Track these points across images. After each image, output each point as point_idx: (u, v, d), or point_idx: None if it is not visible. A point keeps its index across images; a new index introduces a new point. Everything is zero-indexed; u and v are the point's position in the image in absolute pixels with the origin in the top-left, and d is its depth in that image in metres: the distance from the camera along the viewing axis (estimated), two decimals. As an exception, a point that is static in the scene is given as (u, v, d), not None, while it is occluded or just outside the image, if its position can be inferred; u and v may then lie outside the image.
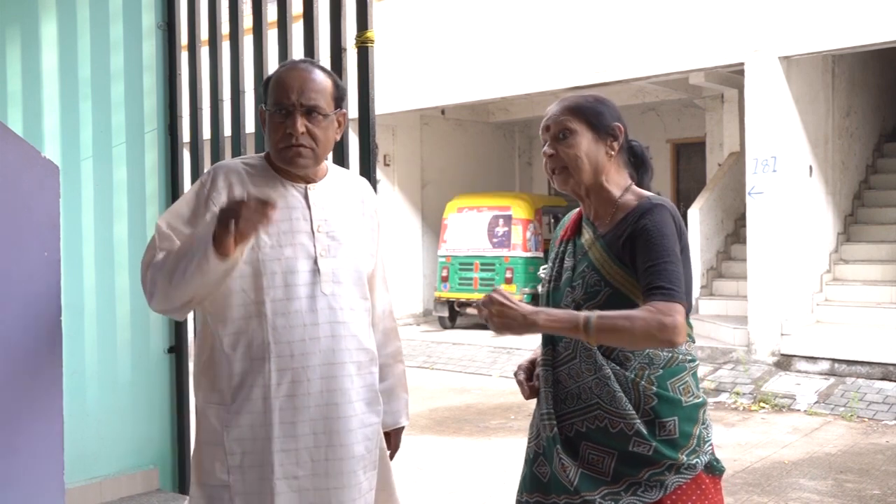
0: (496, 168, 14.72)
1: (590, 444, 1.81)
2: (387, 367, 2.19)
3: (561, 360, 1.89)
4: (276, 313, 1.91)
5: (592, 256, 1.86)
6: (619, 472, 1.79)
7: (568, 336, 1.82)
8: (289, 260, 1.94)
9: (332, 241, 1.99)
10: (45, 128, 3.55)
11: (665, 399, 1.80)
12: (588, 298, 1.82)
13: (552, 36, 9.80)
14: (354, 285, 2.02)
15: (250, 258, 1.92)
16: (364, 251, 2.07)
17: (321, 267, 1.95)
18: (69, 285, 3.39)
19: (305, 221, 1.98)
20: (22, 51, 3.50)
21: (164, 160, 3.91)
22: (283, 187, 2.00)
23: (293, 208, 1.99)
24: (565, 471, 1.80)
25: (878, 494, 4.90)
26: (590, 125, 1.89)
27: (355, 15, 2.85)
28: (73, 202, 3.57)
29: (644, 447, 1.76)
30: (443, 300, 11.55)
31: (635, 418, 1.77)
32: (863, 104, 10.77)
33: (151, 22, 3.88)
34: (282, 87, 1.95)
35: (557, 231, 2.09)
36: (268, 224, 1.81)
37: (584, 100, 1.94)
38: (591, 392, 1.81)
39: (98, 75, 3.71)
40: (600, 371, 1.80)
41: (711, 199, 10.34)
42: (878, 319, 8.70)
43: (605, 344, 1.79)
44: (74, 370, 3.51)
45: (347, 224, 2.04)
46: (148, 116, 3.87)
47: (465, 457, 5.88)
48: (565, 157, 1.88)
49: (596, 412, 1.80)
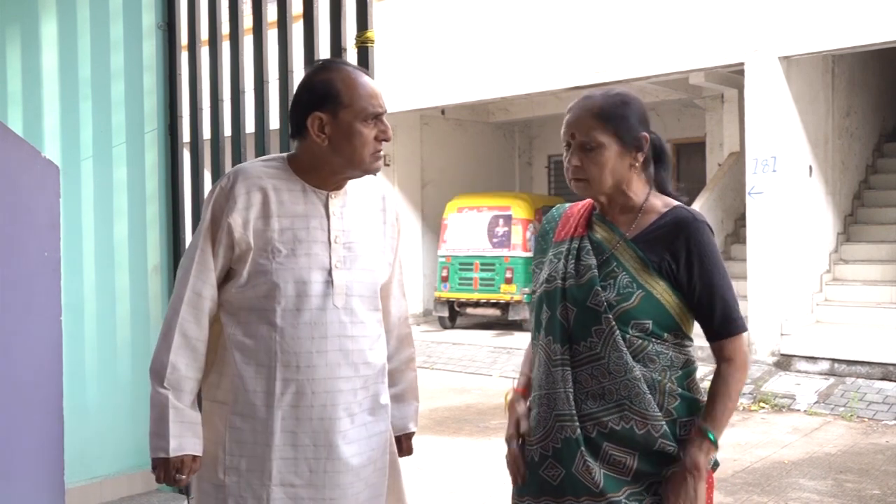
0: (496, 168, 14.71)
1: (612, 444, 1.80)
2: (399, 372, 2.19)
3: (581, 360, 1.84)
4: (285, 323, 1.89)
5: (622, 258, 1.85)
6: (640, 472, 1.80)
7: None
8: (302, 270, 1.91)
9: (348, 253, 1.97)
10: (45, 128, 3.55)
11: (685, 399, 1.85)
12: (622, 300, 1.81)
13: (552, 36, 9.80)
14: (367, 298, 2.00)
15: (264, 267, 1.90)
16: (381, 262, 2.06)
17: (335, 279, 1.93)
18: (69, 285, 3.39)
19: (323, 231, 1.95)
20: (22, 50, 3.50)
21: (164, 160, 3.91)
22: (303, 193, 1.95)
23: (311, 217, 1.95)
24: (590, 472, 1.79)
25: (878, 494, 4.90)
26: (617, 137, 1.84)
27: (355, 15, 2.85)
28: (73, 202, 3.57)
29: (670, 448, 1.79)
30: (443, 300, 11.55)
31: (662, 420, 1.79)
32: (863, 104, 10.77)
33: (151, 22, 3.88)
34: (368, 93, 1.92)
35: (550, 226, 2.03)
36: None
37: (612, 104, 1.86)
38: (616, 393, 1.80)
39: (98, 75, 3.71)
40: (630, 373, 1.80)
41: (711, 199, 10.34)
42: (878, 319, 8.70)
43: None
44: (74, 370, 3.51)
45: (366, 234, 2.02)
46: (148, 116, 3.87)
47: (465, 457, 5.88)
48: (589, 171, 1.85)
49: (623, 412, 1.79)
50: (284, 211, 1.92)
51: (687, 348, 1.89)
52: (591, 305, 1.83)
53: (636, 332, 1.82)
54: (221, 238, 1.90)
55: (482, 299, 11.12)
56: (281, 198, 1.92)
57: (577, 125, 1.85)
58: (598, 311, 1.82)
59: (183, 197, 3.89)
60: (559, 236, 1.98)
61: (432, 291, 12.59)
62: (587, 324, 1.83)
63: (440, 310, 11.69)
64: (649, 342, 1.82)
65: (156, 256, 3.87)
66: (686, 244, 1.82)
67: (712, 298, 1.83)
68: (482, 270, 11.15)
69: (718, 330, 1.85)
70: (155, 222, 3.87)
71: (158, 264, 3.88)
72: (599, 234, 1.90)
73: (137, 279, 3.80)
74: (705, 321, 1.86)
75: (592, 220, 1.94)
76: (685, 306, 1.85)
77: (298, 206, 1.93)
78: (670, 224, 1.84)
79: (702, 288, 1.83)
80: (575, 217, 1.98)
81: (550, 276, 1.93)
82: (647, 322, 1.82)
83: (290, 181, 1.96)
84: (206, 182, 3.85)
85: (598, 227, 1.92)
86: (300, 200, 1.94)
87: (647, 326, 1.82)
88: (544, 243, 2.03)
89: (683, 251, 1.82)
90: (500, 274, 10.97)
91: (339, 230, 1.96)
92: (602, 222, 1.92)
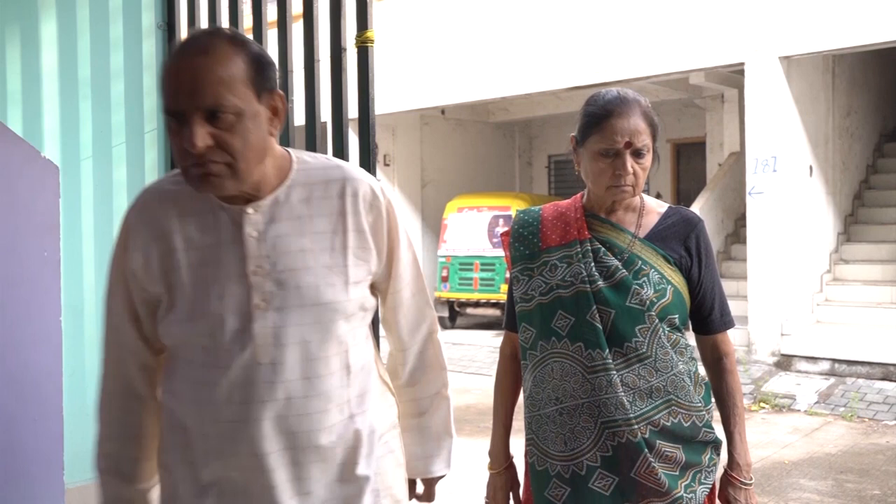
0: (496, 168, 14.71)
1: (664, 441, 1.80)
2: (425, 410, 1.77)
3: (630, 361, 1.80)
4: (195, 392, 1.47)
5: (644, 255, 1.85)
6: (687, 463, 1.83)
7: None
8: (212, 318, 1.45)
9: (276, 287, 1.45)
10: (44, 127, 3.55)
11: (706, 386, 1.93)
12: (660, 296, 1.83)
13: (552, 36, 9.79)
14: (317, 340, 1.48)
15: (161, 318, 1.49)
16: (342, 280, 1.51)
17: (256, 328, 1.44)
18: (69, 285, 3.39)
19: (238, 261, 1.46)
20: (21, 50, 3.50)
21: (163, 160, 3.91)
22: (212, 214, 1.49)
23: (222, 244, 1.47)
24: (654, 474, 1.77)
25: (879, 495, 4.90)
26: (654, 142, 1.86)
27: (355, 15, 2.84)
28: (73, 202, 3.56)
29: (710, 435, 1.86)
30: (443, 300, 11.55)
31: (703, 409, 1.86)
32: (863, 104, 10.76)
33: (151, 21, 3.87)
34: (169, 89, 1.41)
35: (530, 231, 1.95)
36: None
37: (650, 109, 1.85)
38: (663, 389, 1.81)
39: (98, 75, 3.71)
40: (676, 368, 1.83)
41: (712, 199, 10.34)
42: (879, 319, 8.70)
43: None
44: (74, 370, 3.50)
45: (311, 252, 1.49)
46: (148, 116, 3.86)
47: (465, 457, 5.87)
48: (637, 177, 1.82)
49: (671, 408, 1.81)
50: (192, 243, 1.49)
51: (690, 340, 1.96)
52: (632, 305, 1.80)
53: (669, 327, 1.84)
54: (128, 281, 1.54)
55: (482, 299, 11.12)
56: (186, 226, 1.49)
57: (633, 132, 1.79)
58: (642, 310, 1.80)
59: (183, 197, 3.89)
60: (553, 241, 1.90)
61: (432, 291, 12.60)
62: (631, 324, 1.80)
63: (440, 310, 11.69)
64: (678, 335, 1.87)
65: (156, 256, 3.87)
66: (697, 240, 1.89)
67: (713, 293, 1.92)
68: (482, 270, 11.15)
69: (718, 323, 1.93)
70: (155, 222, 3.87)
71: (158, 264, 3.88)
72: (604, 234, 1.88)
73: (137, 279, 3.80)
74: (706, 314, 1.93)
75: (589, 221, 1.90)
76: (690, 300, 1.92)
77: (205, 233, 1.49)
78: (681, 222, 1.91)
79: (706, 282, 1.90)
80: (571, 219, 1.91)
81: (566, 282, 1.84)
82: (676, 316, 1.86)
83: (198, 198, 1.49)
84: (206, 182, 3.85)
85: (601, 228, 1.89)
86: (208, 223, 1.49)
87: (676, 321, 1.86)
88: (527, 249, 1.93)
89: (694, 247, 1.89)
90: (500, 274, 10.97)
91: (261, 256, 1.46)
92: (603, 222, 1.89)
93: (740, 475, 1.88)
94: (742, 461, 1.89)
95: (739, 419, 1.92)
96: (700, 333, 1.96)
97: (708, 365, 1.98)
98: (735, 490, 1.88)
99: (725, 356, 1.94)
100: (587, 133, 1.83)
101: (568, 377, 1.82)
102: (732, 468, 1.90)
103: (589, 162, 1.84)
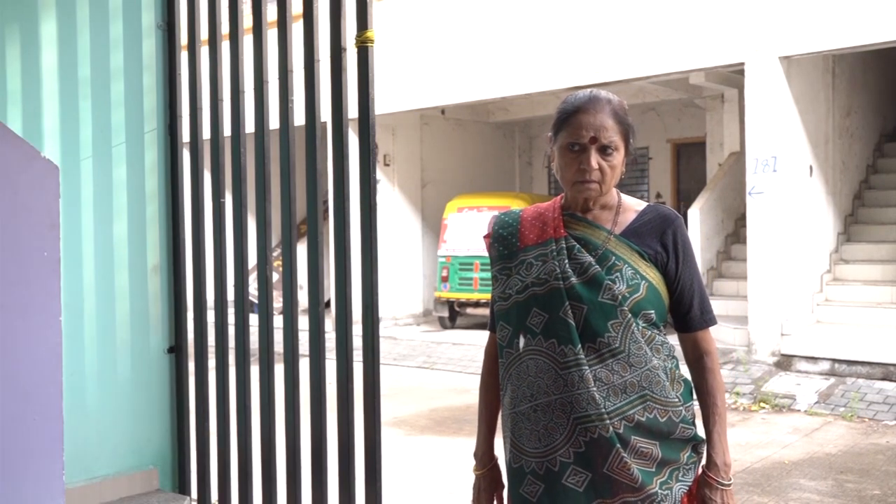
0: (496, 168, 14.71)
1: (638, 437, 1.80)
2: None
3: (602, 357, 1.81)
4: None
5: (618, 251, 1.86)
6: (664, 460, 1.82)
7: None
8: None
9: None
10: (44, 127, 3.55)
11: (686, 384, 1.92)
12: (632, 291, 1.83)
13: (552, 36, 9.79)
14: None
15: None
16: None
17: None
18: (69, 285, 3.39)
19: None
20: (21, 50, 3.49)
21: (163, 160, 3.91)
22: None
23: None
24: (627, 469, 1.78)
25: (879, 495, 4.90)
26: (625, 142, 1.87)
27: (355, 15, 2.84)
28: (72, 202, 3.56)
29: (688, 431, 1.86)
30: (443, 300, 11.55)
31: (680, 405, 1.85)
32: (863, 104, 10.77)
33: (151, 21, 3.87)
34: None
35: (509, 231, 1.98)
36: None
37: (621, 107, 1.88)
38: (638, 385, 1.81)
39: (97, 75, 3.71)
40: (650, 363, 1.82)
41: (712, 199, 10.34)
42: (879, 319, 8.70)
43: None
44: (74, 370, 3.50)
45: None
46: (148, 116, 3.86)
47: (465, 457, 5.87)
48: (605, 173, 1.84)
49: (646, 403, 1.81)
50: None
51: (668, 337, 1.95)
52: (604, 300, 1.82)
53: (643, 322, 1.84)
54: None
55: (482, 299, 11.11)
56: None
57: (599, 127, 1.82)
58: (614, 305, 1.81)
59: (182, 197, 3.88)
60: (530, 240, 1.93)
61: (432, 291, 12.59)
62: (603, 319, 1.81)
63: (440, 310, 11.70)
64: (654, 332, 1.86)
65: (155, 256, 3.86)
66: (673, 236, 1.89)
67: (692, 290, 1.92)
68: (482, 270, 11.15)
69: (698, 320, 1.93)
70: (154, 222, 3.87)
71: (158, 264, 3.87)
72: (581, 231, 1.89)
73: (137, 279, 3.80)
74: (685, 311, 1.92)
75: (566, 220, 1.92)
76: (669, 297, 1.91)
77: None
78: (657, 218, 1.90)
79: (685, 279, 1.90)
80: (549, 218, 1.93)
81: (540, 279, 1.87)
82: (652, 312, 1.85)
83: None
84: (205, 182, 3.85)
85: (577, 226, 1.90)
86: None
87: (652, 316, 1.85)
88: (506, 249, 1.96)
89: (671, 243, 1.88)
90: (500, 274, 10.96)
91: None
92: (579, 220, 1.91)
93: (717, 475, 1.86)
94: (720, 461, 1.87)
95: (719, 418, 1.90)
96: (681, 331, 1.96)
97: (689, 363, 1.97)
98: (711, 490, 1.86)
99: (706, 354, 1.93)
100: (558, 129, 1.89)
101: (542, 374, 1.84)
102: (710, 468, 1.88)
103: (558, 157, 1.89)
